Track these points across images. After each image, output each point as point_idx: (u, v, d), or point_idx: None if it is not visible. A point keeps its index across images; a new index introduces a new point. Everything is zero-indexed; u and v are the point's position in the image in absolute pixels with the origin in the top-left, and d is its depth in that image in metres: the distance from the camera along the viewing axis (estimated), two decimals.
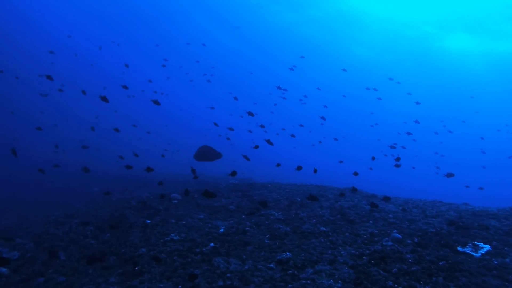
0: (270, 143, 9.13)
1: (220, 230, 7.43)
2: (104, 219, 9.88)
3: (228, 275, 5.20)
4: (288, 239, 6.84)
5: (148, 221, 8.65)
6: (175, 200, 10.46)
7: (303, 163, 11.19)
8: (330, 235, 7.02)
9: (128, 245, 7.36)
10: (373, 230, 7.30)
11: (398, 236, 6.87)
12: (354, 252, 5.93)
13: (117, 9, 41.59)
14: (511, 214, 8.52)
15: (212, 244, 6.55)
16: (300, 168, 8.99)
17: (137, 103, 49.16)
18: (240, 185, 12.46)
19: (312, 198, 7.21)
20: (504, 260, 5.59)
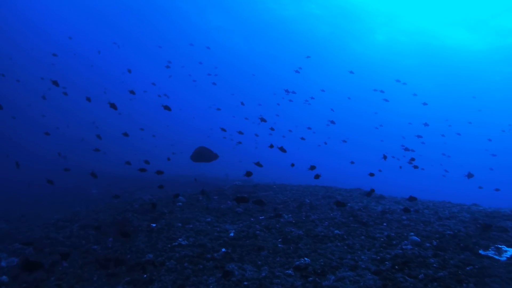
0: (283, 150, 8.87)
1: (230, 234, 7.13)
2: (106, 223, 9.54)
3: (245, 283, 4.90)
4: (303, 243, 6.55)
5: (154, 225, 8.33)
6: (180, 203, 10.14)
7: (307, 164, 10.93)
8: (346, 239, 6.75)
9: (134, 251, 7.04)
10: (389, 233, 7.04)
11: (417, 239, 6.61)
12: (375, 257, 5.66)
13: (119, 11, 41.12)
14: None
15: (224, 250, 6.25)
16: (314, 168, 8.72)
17: (139, 104, 48.66)
18: (244, 187, 12.17)
19: (340, 204, 6.96)
20: None
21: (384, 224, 7.80)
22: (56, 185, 19.41)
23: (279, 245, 6.49)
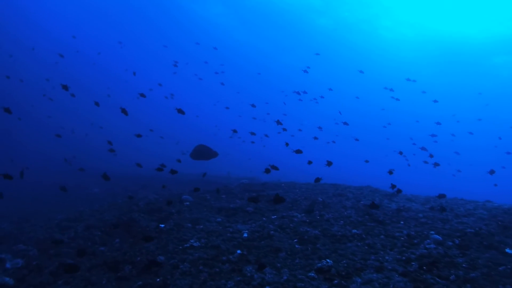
0: (299, 152, 8.64)
1: (244, 235, 6.86)
2: (112, 223, 9.25)
3: None
4: (321, 243, 6.29)
5: (162, 226, 8.05)
6: (187, 202, 9.86)
7: (316, 162, 10.67)
8: (365, 238, 6.49)
9: (144, 253, 6.76)
10: (409, 232, 6.79)
11: (439, 238, 6.37)
12: (400, 257, 5.41)
13: (123, 10, 40.64)
14: None
15: (239, 251, 5.98)
16: (331, 164, 8.48)
17: (143, 104, 48.10)
18: (252, 185, 11.89)
19: (374, 207, 6.73)
20: None
21: (401, 223, 7.55)
22: (57, 184, 19.10)
23: (296, 246, 6.23)
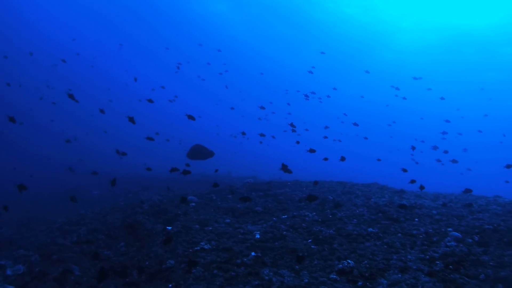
0: (313, 151, 8.42)
1: (256, 236, 6.62)
2: (116, 226, 8.97)
3: None
4: (337, 243, 6.06)
5: (169, 228, 7.78)
6: (193, 203, 9.60)
7: (327, 160, 10.44)
8: (382, 237, 6.27)
9: (152, 257, 6.49)
10: (426, 229, 6.58)
11: (458, 235, 6.16)
12: (423, 256, 5.19)
13: (123, 12, 40.20)
14: None
15: (254, 253, 5.73)
16: (344, 159, 8.30)
17: (146, 107, 47.56)
18: (258, 184, 11.64)
19: (403, 207, 6.52)
20: None
21: (416, 220, 7.34)
22: (57, 187, 18.74)
23: (312, 246, 6.00)
